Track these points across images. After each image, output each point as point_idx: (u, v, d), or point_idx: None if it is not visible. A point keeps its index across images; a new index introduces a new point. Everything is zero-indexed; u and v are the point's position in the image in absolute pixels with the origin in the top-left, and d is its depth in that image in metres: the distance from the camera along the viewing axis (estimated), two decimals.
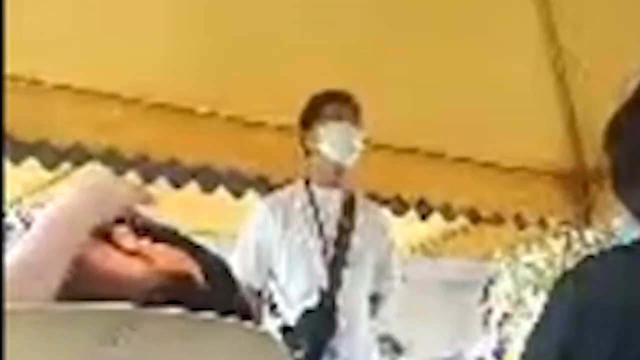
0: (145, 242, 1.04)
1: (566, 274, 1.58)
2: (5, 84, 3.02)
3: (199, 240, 1.11)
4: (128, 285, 0.99)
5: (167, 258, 1.03)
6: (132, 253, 1.03)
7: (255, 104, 4.04)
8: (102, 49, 3.68)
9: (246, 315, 1.01)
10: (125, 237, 1.04)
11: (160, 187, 4.10)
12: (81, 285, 0.99)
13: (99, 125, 3.89)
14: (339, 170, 3.64)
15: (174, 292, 0.98)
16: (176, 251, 1.05)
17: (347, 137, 3.58)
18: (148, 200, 1.10)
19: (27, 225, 1.05)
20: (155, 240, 1.06)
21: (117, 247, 1.03)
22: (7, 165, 3.69)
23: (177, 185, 4.14)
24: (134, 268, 1.01)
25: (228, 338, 0.83)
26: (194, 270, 1.04)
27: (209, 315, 0.82)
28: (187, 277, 1.02)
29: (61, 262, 0.99)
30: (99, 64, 3.72)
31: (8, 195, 4.48)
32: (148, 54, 3.76)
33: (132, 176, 4.01)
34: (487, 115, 4.20)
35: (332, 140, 3.58)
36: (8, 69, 3.39)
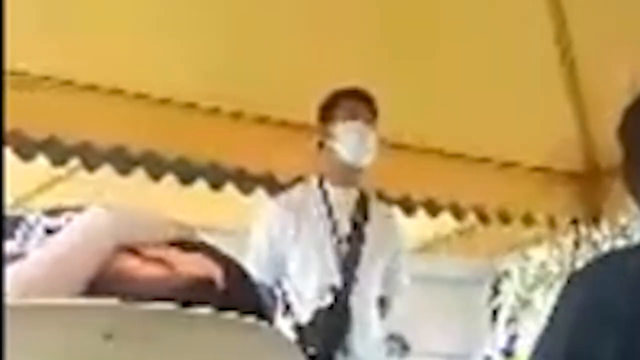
0: (167, 250, 1.04)
1: (575, 274, 1.58)
2: (10, 82, 3.02)
3: (206, 236, 1.11)
4: (144, 286, 0.99)
5: (188, 263, 1.03)
6: (152, 259, 1.02)
7: (264, 100, 4.03)
8: (110, 46, 3.68)
9: (262, 315, 1.01)
10: (147, 246, 1.04)
11: (169, 184, 4.10)
12: (96, 287, 0.99)
13: (106, 122, 3.89)
14: (352, 170, 3.59)
15: (192, 293, 0.98)
16: (199, 257, 1.05)
17: (360, 137, 3.51)
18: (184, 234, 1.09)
19: (49, 232, 1.06)
20: (181, 249, 1.05)
21: (137, 254, 1.03)
22: (17, 162, 3.70)
23: (185, 182, 4.14)
24: (151, 270, 1.01)
25: (231, 334, 0.82)
26: (215, 274, 1.03)
27: (210, 312, 0.82)
28: (206, 280, 1.02)
29: (78, 280, 0.98)
30: (107, 61, 3.72)
31: (18, 192, 4.48)
32: (155, 52, 3.76)
33: (139, 173, 4.01)
34: (496, 114, 4.18)
35: (345, 140, 3.52)
36: (18, 66, 3.40)
